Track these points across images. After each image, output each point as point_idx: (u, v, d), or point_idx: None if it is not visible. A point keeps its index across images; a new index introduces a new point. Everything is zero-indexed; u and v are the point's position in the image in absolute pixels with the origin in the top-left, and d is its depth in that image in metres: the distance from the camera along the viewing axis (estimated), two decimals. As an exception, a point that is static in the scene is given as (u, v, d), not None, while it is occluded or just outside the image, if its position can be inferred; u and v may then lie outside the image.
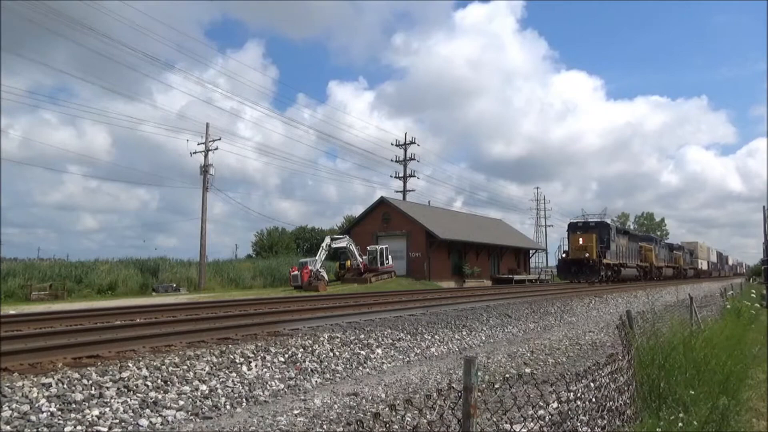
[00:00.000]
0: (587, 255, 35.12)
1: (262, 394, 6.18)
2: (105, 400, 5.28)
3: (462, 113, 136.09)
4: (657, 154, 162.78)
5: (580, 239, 35.56)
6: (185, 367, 6.51)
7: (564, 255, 36.66)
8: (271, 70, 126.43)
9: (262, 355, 7.45)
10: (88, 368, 6.11)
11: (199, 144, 35.85)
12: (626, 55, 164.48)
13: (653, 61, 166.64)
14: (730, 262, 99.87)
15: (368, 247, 37.22)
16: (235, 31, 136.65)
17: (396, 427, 4.26)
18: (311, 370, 7.27)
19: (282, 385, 6.56)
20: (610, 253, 36.65)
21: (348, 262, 37.07)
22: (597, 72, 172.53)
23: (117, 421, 4.94)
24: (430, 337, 10.20)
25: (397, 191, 48.62)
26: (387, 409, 3.11)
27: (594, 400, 3.53)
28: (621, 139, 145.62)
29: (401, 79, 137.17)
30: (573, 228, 37.63)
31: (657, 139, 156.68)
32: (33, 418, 4.77)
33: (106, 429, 4.79)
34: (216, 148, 35.96)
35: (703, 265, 70.07)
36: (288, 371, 7.06)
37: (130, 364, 6.39)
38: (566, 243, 37.49)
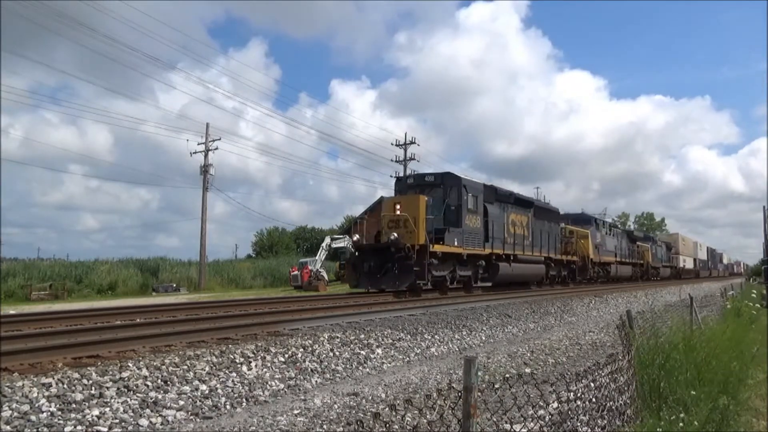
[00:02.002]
0: (397, 237, 16.58)
1: (262, 394, 6.18)
2: (105, 400, 5.28)
3: (465, 113, 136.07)
4: (659, 153, 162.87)
5: (397, 207, 17.44)
6: (185, 367, 6.51)
7: (354, 240, 18.46)
8: (273, 69, 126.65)
9: (262, 355, 7.45)
10: (88, 368, 6.11)
11: (199, 144, 35.89)
12: (630, 54, 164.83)
13: (657, 60, 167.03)
14: (725, 261, 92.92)
15: None
16: (238, 29, 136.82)
17: (396, 427, 4.26)
18: (311, 370, 7.27)
19: (282, 385, 6.55)
20: (464, 236, 18.47)
21: None
22: (600, 71, 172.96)
23: (117, 421, 4.93)
24: (430, 337, 10.20)
25: (397, 191, 48.47)
26: (387, 409, 3.11)
27: (594, 400, 3.53)
28: (623, 139, 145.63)
29: (404, 78, 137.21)
30: (398, 189, 19.70)
31: (660, 139, 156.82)
32: (33, 418, 4.77)
33: (106, 429, 4.79)
34: (216, 148, 36.00)
35: (686, 262, 58.83)
36: (288, 371, 7.06)
37: (130, 364, 6.38)
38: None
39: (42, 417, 4.80)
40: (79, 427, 4.72)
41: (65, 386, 5.48)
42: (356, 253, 18.15)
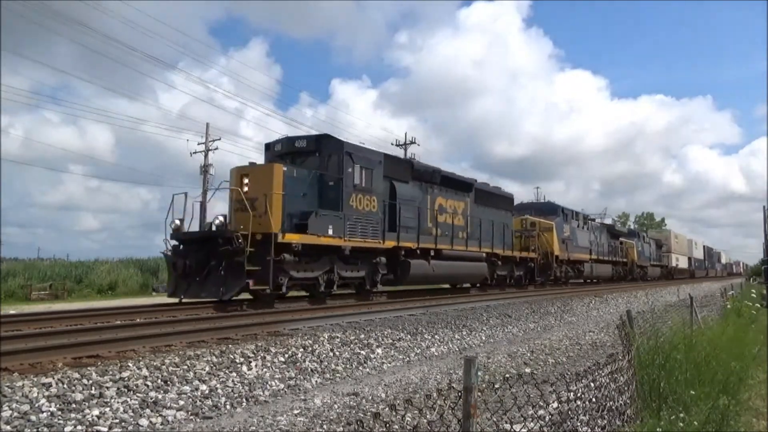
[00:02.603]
0: (222, 222, 12.20)
1: (262, 393, 6.17)
2: (105, 400, 5.28)
3: (465, 112, 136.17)
4: (660, 153, 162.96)
5: (245, 181, 12.49)
6: (185, 366, 6.51)
7: (173, 227, 12.48)
8: (274, 69, 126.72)
9: (262, 355, 7.45)
10: (88, 368, 6.11)
11: (199, 144, 35.86)
12: (631, 54, 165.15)
13: (658, 60, 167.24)
14: (723, 260, 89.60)
15: None
16: (239, 29, 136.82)
17: (396, 427, 4.26)
18: (311, 370, 7.27)
19: (282, 385, 6.55)
20: (348, 223, 13.59)
21: None
22: (602, 71, 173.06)
23: (117, 420, 4.93)
24: (430, 337, 10.20)
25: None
26: (387, 409, 3.11)
27: (594, 400, 3.53)
28: (624, 139, 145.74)
29: (404, 78, 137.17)
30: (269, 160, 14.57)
31: (661, 139, 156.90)
32: (33, 417, 4.77)
33: (106, 429, 4.78)
34: (216, 148, 35.94)
35: (679, 261, 54.34)
36: (288, 371, 7.06)
37: (130, 364, 6.39)
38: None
39: (42, 417, 4.80)
40: (79, 427, 4.72)
41: (65, 386, 5.48)
42: (180, 246, 12.40)
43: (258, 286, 11.47)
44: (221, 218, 12.30)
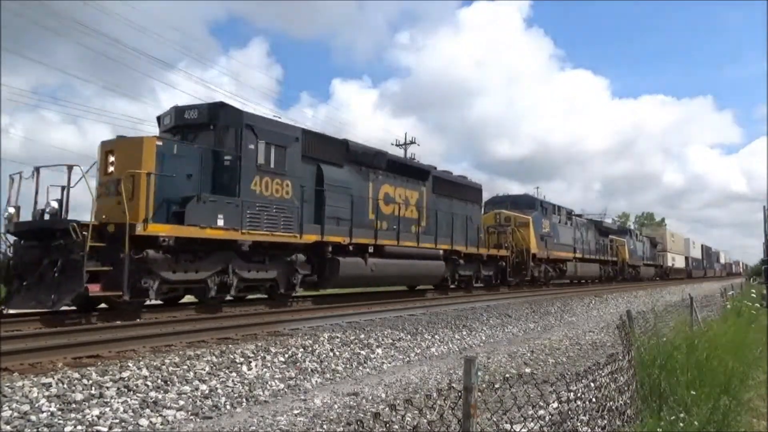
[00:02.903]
0: (55, 209, 9.55)
1: (262, 393, 6.17)
2: (105, 400, 5.28)
3: (466, 112, 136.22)
4: (661, 153, 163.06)
5: (110, 159, 10.10)
6: (185, 367, 6.52)
7: (6, 216, 9.82)
8: (275, 69, 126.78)
9: (262, 355, 7.45)
10: (88, 368, 6.11)
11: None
12: (632, 53, 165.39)
13: (659, 60, 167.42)
14: (722, 260, 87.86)
15: None
16: (239, 29, 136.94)
17: (396, 427, 4.26)
18: (311, 370, 7.27)
19: (282, 385, 6.55)
20: (248, 211, 10.92)
21: None
22: (602, 71, 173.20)
23: (117, 420, 4.93)
24: (430, 337, 10.20)
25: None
26: (387, 409, 3.10)
27: (594, 400, 3.53)
28: (625, 139, 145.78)
29: (405, 78, 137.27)
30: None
31: (661, 139, 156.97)
32: (33, 417, 4.77)
33: (106, 429, 4.78)
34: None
35: (675, 261, 52.46)
36: (288, 371, 7.06)
37: (130, 364, 6.39)
38: None
39: (42, 417, 4.80)
40: (79, 427, 4.72)
41: (65, 386, 5.48)
42: (22, 241, 9.76)
43: (108, 292, 8.96)
44: (54, 204, 9.60)
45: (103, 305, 10.05)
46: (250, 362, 7.07)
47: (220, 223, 10.37)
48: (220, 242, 10.46)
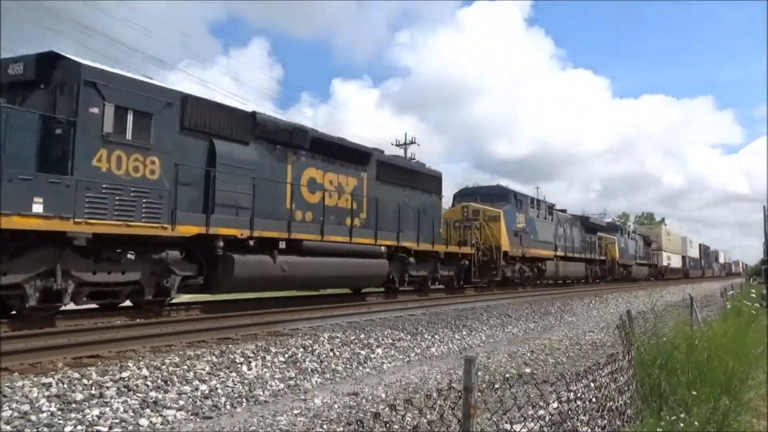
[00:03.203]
0: None
1: (262, 393, 6.17)
2: (105, 400, 5.28)
3: (466, 112, 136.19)
4: (661, 153, 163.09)
5: None
6: (185, 366, 6.52)
7: None
8: (276, 69, 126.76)
9: (262, 355, 7.46)
10: (88, 368, 6.11)
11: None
12: (632, 53, 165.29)
13: (659, 60, 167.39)
14: (721, 260, 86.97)
15: None
16: (239, 29, 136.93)
17: (396, 427, 4.26)
18: (311, 370, 7.27)
19: (282, 385, 6.55)
20: (89, 195, 8.32)
21: None
22: (603, 71, 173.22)
23: (117, 420, 4.93)
24: (430, 337, 10.20)
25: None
26: (387, 409, 3.11)
27: (594, 400, 3.53)
28: (625, 139, 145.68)
29: (405, 77, 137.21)
30: None
31: (662, 139, 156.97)
32: (33, 417, 4.77)
33: (106, 429, 4.78)
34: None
35: (671, 260, 50.37)
36: (288, 371, 7.06)
37: (130, 364, 6.39)
38: None
39: (42, 417, 4.80)
40: (79, 427, 4.72)
41: (65, 386, 5.48)
42: None
43: None
44: None
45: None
46: (250, 362, 7.07)
47: (37, 209, 7.76)
48: (39, 234, 7.92)
